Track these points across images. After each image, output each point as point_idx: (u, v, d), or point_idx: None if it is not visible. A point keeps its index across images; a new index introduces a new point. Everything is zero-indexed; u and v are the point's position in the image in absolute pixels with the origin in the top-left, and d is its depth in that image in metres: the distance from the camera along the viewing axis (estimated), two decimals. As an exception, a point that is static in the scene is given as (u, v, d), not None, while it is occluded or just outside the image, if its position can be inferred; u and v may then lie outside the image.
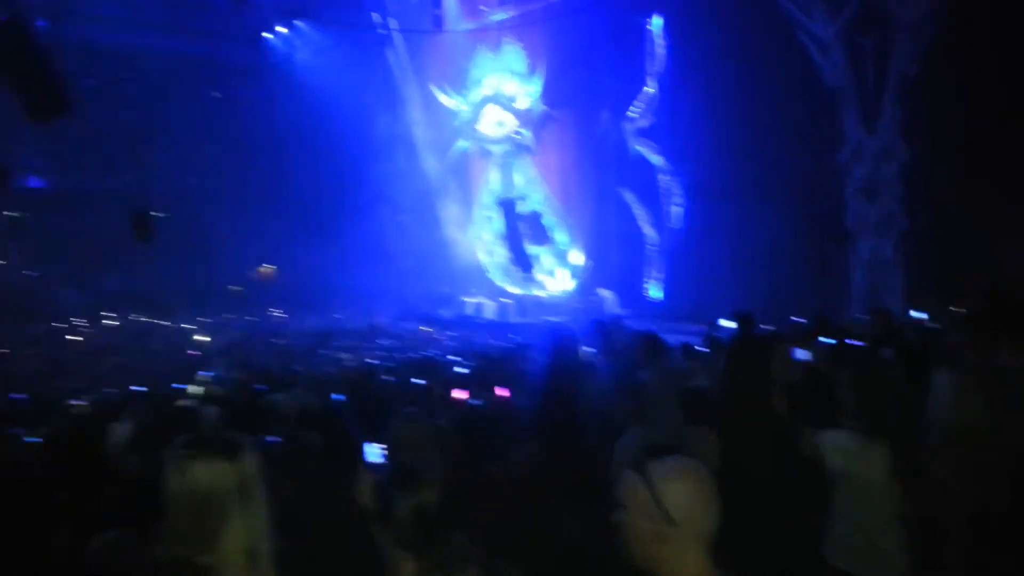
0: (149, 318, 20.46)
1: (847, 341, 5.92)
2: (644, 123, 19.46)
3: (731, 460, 3.40)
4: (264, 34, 23.70)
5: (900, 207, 14.23)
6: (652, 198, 19.32)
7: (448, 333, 18.72)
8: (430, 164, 24.06)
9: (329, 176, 23.08)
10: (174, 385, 9.20)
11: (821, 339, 6.21)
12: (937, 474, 2.80)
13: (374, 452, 2.80)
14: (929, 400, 3.10)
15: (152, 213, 13.49)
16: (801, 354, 4.28)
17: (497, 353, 10.18)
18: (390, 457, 2.86)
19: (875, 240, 14.44)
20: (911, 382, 3.41)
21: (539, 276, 21.95)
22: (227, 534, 1.90)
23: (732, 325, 7.64)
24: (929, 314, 8.17)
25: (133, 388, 8.92)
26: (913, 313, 8.12)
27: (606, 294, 19.57)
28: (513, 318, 20.23)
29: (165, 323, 20.27)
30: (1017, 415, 2.88)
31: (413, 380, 7.61)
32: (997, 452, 2.83)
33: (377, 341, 17.47)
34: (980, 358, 3.17)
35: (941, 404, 3.04)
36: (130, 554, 2.13)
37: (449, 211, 23.69)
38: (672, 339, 11.50)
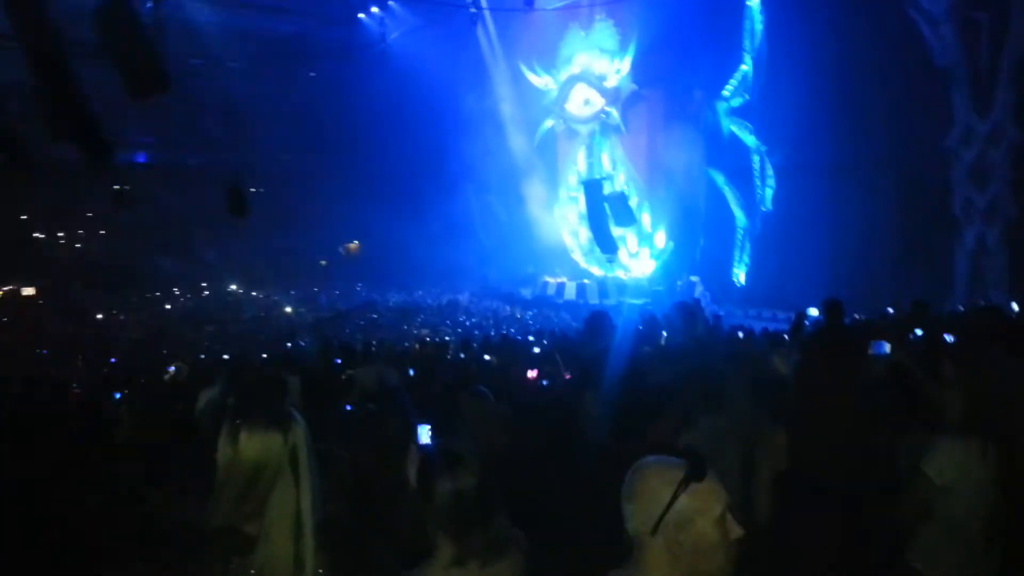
0: (243, 289, 21.22)
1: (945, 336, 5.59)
2: (738, 102, 18.85)
3: (802, 458, 3.25)
4: (359, 15, 24.04)
5: (1009, 193, 13.36)
6: (744, 180, 18.74)
7: (528, 312, 18.73)
8: (517, 143, 23.99)
9: (417, 154, 23.36)
10: (263, 355, 9.49)
11: (916, 332, 5.89)
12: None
13: (425, 433, 2.78)
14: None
15: (247, 188, 13.90)
16: (886, 348, 4.03)
17: (572, 335, 10.08)
18: (443, 437, 2.84)
19: (981, 227, 13.63)
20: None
21: (623, 258, 21.70)
22: (274, 504, 1.90)
23: (819, 313, 7.33)
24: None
25: (224, 356, 9.24)
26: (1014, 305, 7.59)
27: (695, 280, 19.18)
28: (593, 299, 20.07)
29: (258, 295, 20.99)
30: None
31: (487, 358, 7.61)
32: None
33: (457, 318, 17.64)
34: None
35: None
36: (181, 520, 2.19)
37: (535, 190, 23.60)
38: (757, 325, 11.26)
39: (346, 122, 23.79)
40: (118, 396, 5.82)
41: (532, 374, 5.95)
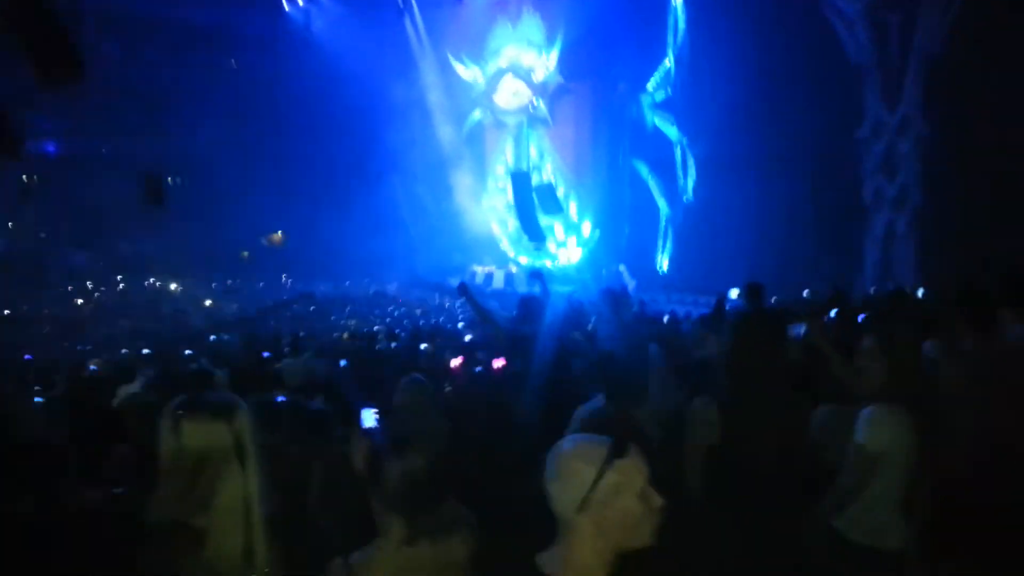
0: (161, 282, 20.56)
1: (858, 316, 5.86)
2: (661, 96, 19.21)
3: (734, 434, 3.38)
4: (283, 4, 23.51)
5: (916, 183, 14.06)
6: (667, 171, 19.15)
7: (457, 301, 18.71)
8: (445, 134, 23.93)
9: (343, 144, 23.03)
10: (186, 350, 9.23)
11: (830, 314, 6.15)
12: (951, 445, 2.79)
13: (369, 417, 2.78)
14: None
15: (163, 178, 13.47)
16: (803, 331, 4.22)
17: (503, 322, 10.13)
18: (385, 422, 2.84)
19: (890, 215, 14.31)
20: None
21: (551, 247, 21.92)
22: (221, 495, 1.87)
23: (739, 297, 7.59)
24: (936, 290, 8.08)
25: (144, 351, 8.96)
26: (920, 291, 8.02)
27: (622, 268, 19.51)
28: (521, 287, 20.21)
29: (176, 287, 20.37)
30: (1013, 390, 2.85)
31: (423, 347, 7.60)
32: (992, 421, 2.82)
33: (386, 309, 17.51)
34: (980, 335, 3.12)
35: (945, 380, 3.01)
36: (124, 516, 2.13)
37: (462, 181, 23.59)
38: (681, 310, 11.55)
39: (269, 112, 23.25)
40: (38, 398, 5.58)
41: (456, 363, 5.97)
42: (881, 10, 14.12)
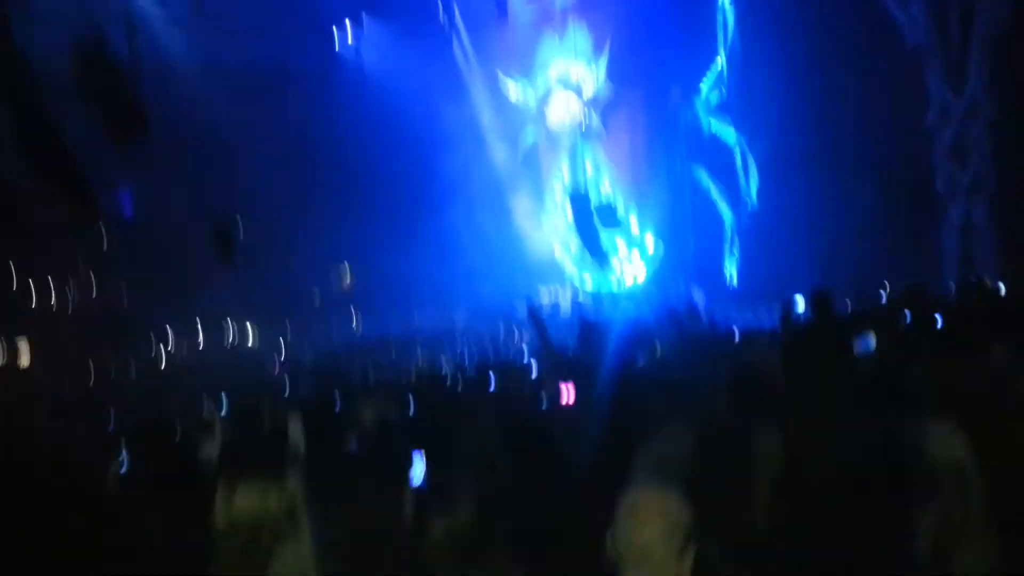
0: (238, 334, 21.10)
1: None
2: (716, 98, 18.94)
3: (799, 458, 3.23)
4: (335, 39, 24.07)
5: (990, 168, 13.45)
6: (728, 177, 18.80)
7: (526, 331, 18.68)
8: (500, 156, 24.05)
9: (400, 176, 23.32)
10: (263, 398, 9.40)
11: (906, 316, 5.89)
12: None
13: (419, 470, 2.77)
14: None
15: (234, 227, 13.82)
16: (871, 344, 4.02)
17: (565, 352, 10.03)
18: (435, 472, 2.83)
19: (966, 204, 13.71)
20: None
21: (615, 266, 21.70)
22: (278, 564, 1.87)
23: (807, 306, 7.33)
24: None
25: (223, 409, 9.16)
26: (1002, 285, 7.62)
27: (694, 289, 19.16)
28: (588, 311, 20.06)
29: (253, 338, 20.88)
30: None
31: (484, 385, 7.57)
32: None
33: (454, 344, 17.59)
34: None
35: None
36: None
37: (521, 203, 23.64)
38: (751, 323, 11.27)
39: (329, 151, 23.76)
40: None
41: (568, 392, 5.63)
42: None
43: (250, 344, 20.73)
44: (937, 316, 5.71)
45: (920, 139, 14.22)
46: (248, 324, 21.34)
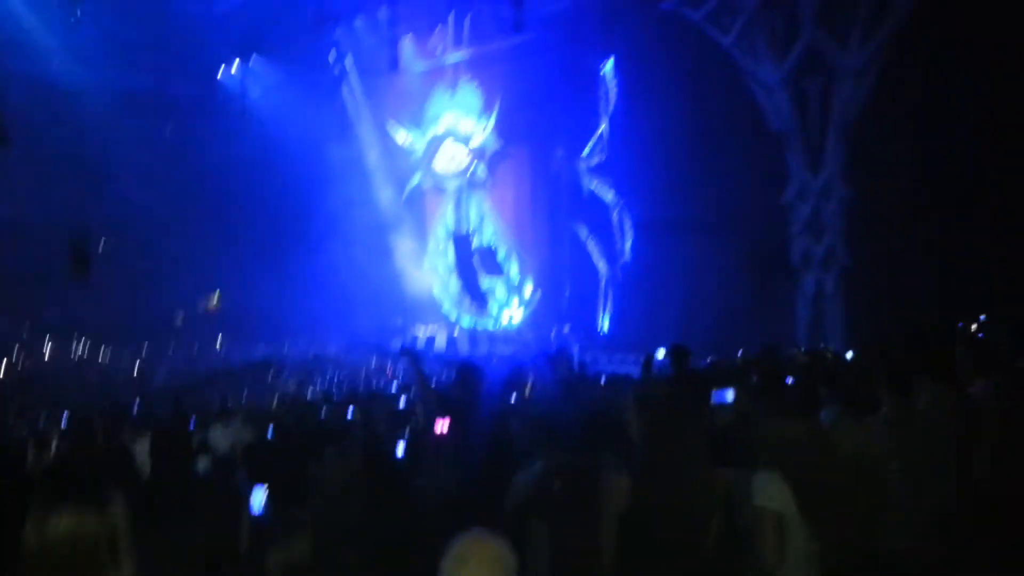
0: (88, 348, 19.92)
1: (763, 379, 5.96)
2: (597, 160, 19.69)
3: (643, 501, 3.37)
4: (218, 72, 23.59)
5: (841, 244, 14.58)
6: (604, 233, 19.50)
7: (398, 365, 18.53)
8: (384, 196, 24.08)
9: (281, 207, 22.95)
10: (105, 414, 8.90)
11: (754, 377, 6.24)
12: (840, 515, 2.81)
13: (259, 499, 2.69)
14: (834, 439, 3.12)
15: (91, 245, 13.15)
16: (728, 396, 4.27)
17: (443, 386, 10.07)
18: (279, 503, 2.77)
19: (819, 275, 14.77)
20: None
21: (492, 309, 21.99)
22: None
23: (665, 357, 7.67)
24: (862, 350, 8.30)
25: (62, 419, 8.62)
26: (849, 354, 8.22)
27: (566, 329, 19.62)
28: (464, 349, 20.16)
29: (104, 353, 19.75)
30: (932, 459, 2.92)
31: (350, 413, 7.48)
32: (905, 495, 2.87)
33: (324, 372, 17.23)
34: (897, 400, 3.20)
35: (845, 443, 3.07)
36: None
37: (403, 244, 23.65)
38: (622, 369, 11.65)
39: (205, 176, 23.06)
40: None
41: (442, 425, 5.65)
42: (800, 79, 14.83)
43: (100, 361, 19.54)
44: (785, 378, 6.11)
45: (779, 213, 15.24)
46: (102, 342, 20.17)
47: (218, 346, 21.85)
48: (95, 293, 18.86)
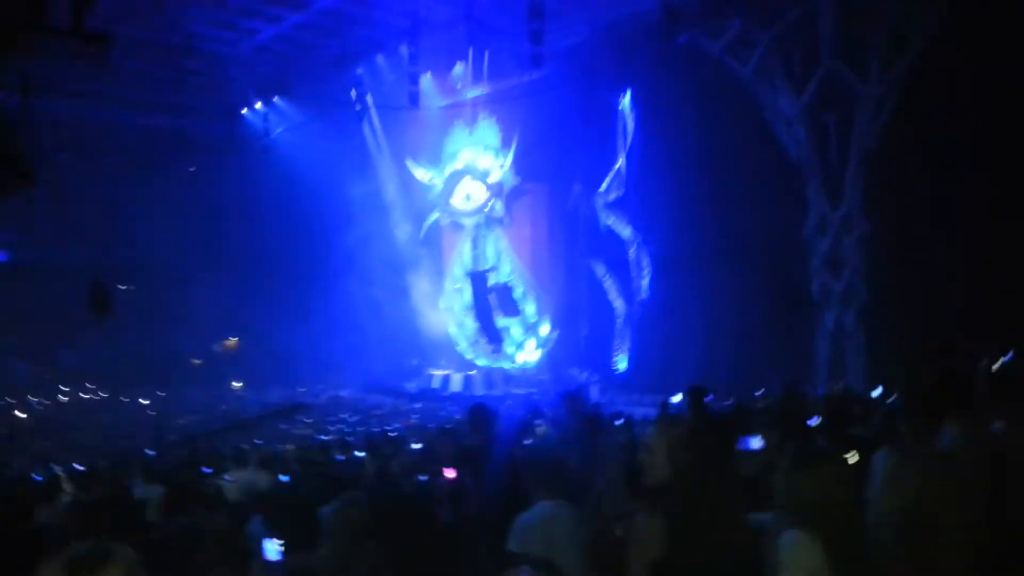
0: (107, 393, 19.95)
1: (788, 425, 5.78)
2: (614, 196, 19.64)
3: (678, 547, 3.22)
4: (242, 110, 23.92)
5: (861, 279, 14.37)
6: (622, 270, 19.38)
7: (414, 406, 18.40)
8: (402, 234, 24.13)
9: (298, 246, 23.08)
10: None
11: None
12: (875, 562, 2.65)
13: (273, 549, 2.59)
14: (868, 484, 2.97)
15: (111, 286, 13.23)
16: (756, 443, 4.10)
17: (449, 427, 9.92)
18: (292, 554, 2.66)
19: (838, 311, 14.54)
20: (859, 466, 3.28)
21: (508, 348, 21.83)
22: None
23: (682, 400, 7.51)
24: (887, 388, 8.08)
25: (74, 467, 8.55)
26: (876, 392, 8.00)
27: (583, 377, 19.38)
28: (479, 390, 19.98)
29: (123, 399, 19.76)
30: (957, 499, 2.76)
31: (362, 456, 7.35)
32: (936, 536, 2.71)
33: (340, 415, 17.12)
34: (918, 439, 3.05)
35: (878, 487, 2.91)
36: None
37: (420, 283, 23.61)
38: (637, 411, 11.44)
39: (225, 217, 23.29)
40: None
41: (450, 475, 5.62)
42: (818, 110, 14.75)
43: (119, 406, 19.56)
44: (808, 420, 5.93)
45: (799, 247, 15.08)
46: (120, 385, 20.22)
47: (235, 390, 21.82)
48: (112, 339, 18.97)
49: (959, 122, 11.98)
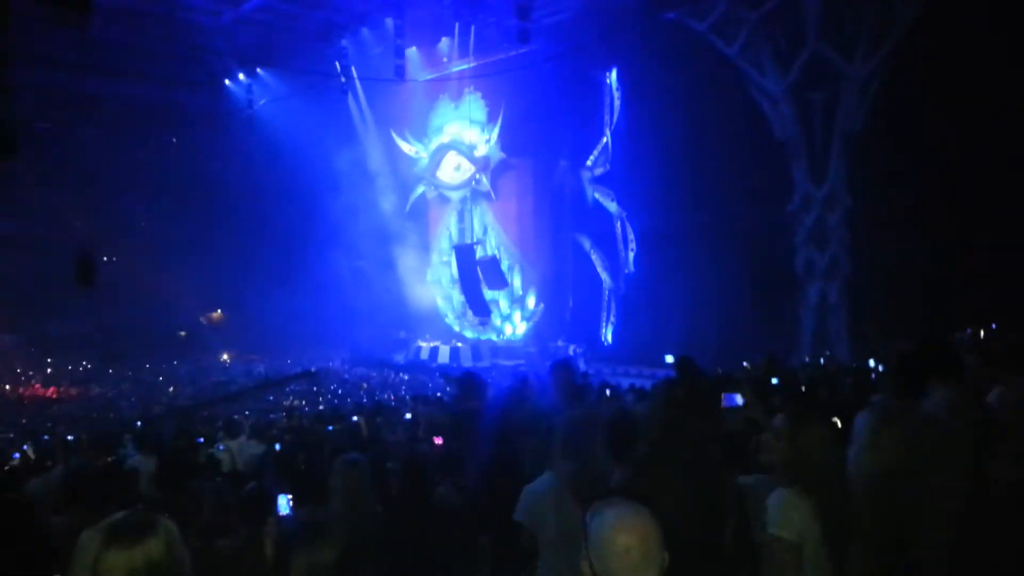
0: (94, 364, 19.89)
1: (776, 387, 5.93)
2: (600, 171, 19.68)
3: (657, 507, 3.31)
4: (225, 81, 23.67)
5: (845, 254, 14.56)
6: (608, 244, 19.49)
7: (401, 377, 18.50)
8: (388, 206, 24.05)
9: (284, 218, 22.96)
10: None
11: (773, 381, 6.22)
12: (859, 524, 2.74)
13: (284, 504, 2.67)
14: (849, 445, 3.07)
15: (96, 257, 13.18)
16: (738, 399, 4.21)
17: (446, 398, 10.05)
18: (299, 509, 2.75)
19: (822, 285, 14.75)
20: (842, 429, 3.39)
21: (495, 321, 21.95)
22: None
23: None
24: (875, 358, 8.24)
25: (68, 437, 8.59)
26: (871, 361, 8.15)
27: (571, 350, 19.49)
28: (466, 362, 20.10)
29: (109, 370, 19.71)
30: (939, 460, 2.87)
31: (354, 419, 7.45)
32: (915, 497, 2.81)
33: (329, 386, 17.18)
34: (902, 401, 3.16)
35: (859, 448, 3.01)
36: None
37: (406, 256, 23.62)
38: (625, 381, 11.60)
39: (209, 188, 23.11)
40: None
41: (438, 442, 5.79)
42: (804, 89, 14.86)
43: (106, 378, 19.52)
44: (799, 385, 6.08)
45: (783, 223, 15.26)
46: (107, 356, 20.16)
47: (223, 361, 21.82)
48: (97, 310, 18.88)
49: (941, 104, 12.13)
